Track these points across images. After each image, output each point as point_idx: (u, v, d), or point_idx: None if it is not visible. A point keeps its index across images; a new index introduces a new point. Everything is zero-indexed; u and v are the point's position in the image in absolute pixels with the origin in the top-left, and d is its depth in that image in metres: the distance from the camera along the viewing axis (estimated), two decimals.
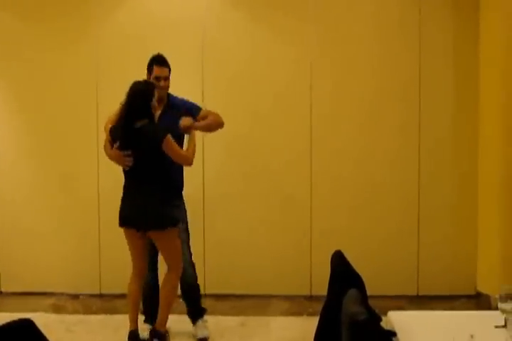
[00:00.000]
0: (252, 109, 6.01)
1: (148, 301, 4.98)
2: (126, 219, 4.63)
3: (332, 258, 3.22)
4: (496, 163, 5.52)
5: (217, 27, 6.01)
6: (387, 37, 5.92)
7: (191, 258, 5.04)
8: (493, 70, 5.58)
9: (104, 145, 4.75)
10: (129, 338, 4.64)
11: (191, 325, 5.07)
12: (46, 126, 6.11)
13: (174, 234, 4.67)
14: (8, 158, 6.19)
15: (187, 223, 5.05)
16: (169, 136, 4.54)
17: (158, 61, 4.84)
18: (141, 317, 4.91)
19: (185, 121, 4.78)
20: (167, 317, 4.72)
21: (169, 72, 4.87)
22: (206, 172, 6.00)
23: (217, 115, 4.99)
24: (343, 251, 3.31)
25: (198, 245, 5.74)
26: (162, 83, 4.82)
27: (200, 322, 5.06)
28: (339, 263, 3.13)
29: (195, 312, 5.08)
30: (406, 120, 5.93)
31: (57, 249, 6.15)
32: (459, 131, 5.89)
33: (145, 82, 4.67)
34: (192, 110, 4.93)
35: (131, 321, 4.70)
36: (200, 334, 4.97)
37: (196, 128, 4.84)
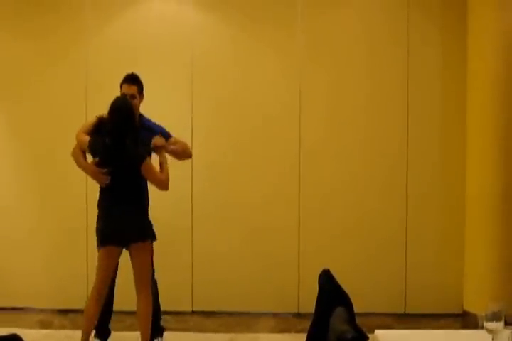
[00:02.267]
0: (241, 126, 6.04)
1: (103, 317, 4.90)
2: (107, 236, 4.60)
3: (320, 277, 3.22)
4: (485, 180, 5.54)
5: (206, 42, 6.06)
6: (376, 46, 5.98)
7: (154, 275, 4.96)
8: (481, 76, 5.62)
9: (74, 153, 4.73)
10: None
11: None
12: (34, 137, 6.11)
13: (151, 248, 4.70)
14: None
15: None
16: (149, 159, 4.57)
17: (127, 79, 4.83)
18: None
19: (158, 140, 4.77)
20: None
21: (138, 92, 4.83)
22: (194, 193, 6.01)
23: (186, 144, 5.03)
24: (331, 268, 3.31)
25: (187, 262, 5.76)
26: None
27: None
28: (327, 281, 3.13)
29: (154, 331, 4.89)
30: (394, 139, 5.97)
31: (46, 264, 6.12)
32: (446, 152, 5.95)
33: (124, 98, 4.67)
34: (164, 135, 4.89)
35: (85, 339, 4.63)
36: None
37: (167, 150, 4.82)
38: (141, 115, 4.93)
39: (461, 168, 5.85)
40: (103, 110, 4.75)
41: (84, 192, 5.97)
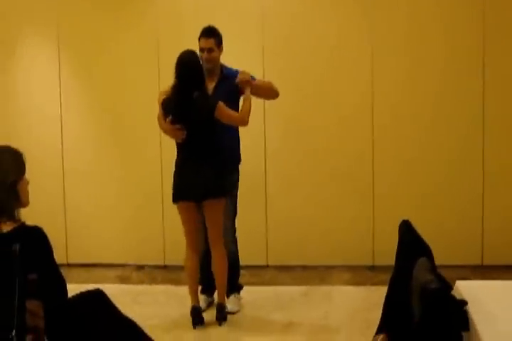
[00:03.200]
0: (313, 83, 5.98)
1: (205, 272, 5.00)
2: (181, 192, 4.65)
3: (400, 228, 3.19)
4: None
5: (277, 3, 6.00)
6: (451, 10, 5.81)
7: (235, 234, 5.02)
8: None
9: (158, 118, 4.77)
10: (191, 314, 4.69)
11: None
12: (110, 102, 6.22)
13: (223, 204, 4.71)
14: (74, 134, 6.31)
15: (235, 198, 5.01)
16: (221, 103, 4.55)
17: (203, 32, 4.80)
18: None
19: (242, 75, 4.74)
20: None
21: (217, 44, 4.78)
22: (268, 149, 6.01)
23: (271, 83, 4.94)
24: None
25: (260, 216, 5.78)
26: (205, 55, 4.77)
27: (232, 297, 5.03)
28: (407, 232, 3.10)
29: (231, 287, 5.00)
30: (469, 108, 5.82)
31: (122, 221, 6.26)
32: None
33: (190, 52, 4.63)
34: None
35: (192, 296, 4.75)
36: (230, 308, 4.92)
37: (253, 86, 4.77)
38: (222, 66, 4.89)
39: None
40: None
41: (159, 156, 6.05)
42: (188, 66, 4.55)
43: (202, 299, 5.00)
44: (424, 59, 5.84)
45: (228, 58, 4.98)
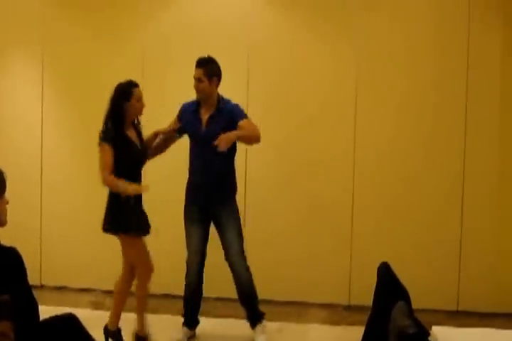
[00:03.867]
0: (296, 111, 6.00)
1: (193, 305, 5.03)
2: None
3: (379, 270, 3.19)
4: None
5: (263, 31, 6.01)
6: (436, 33, 5.84)
7: (245, 262, 5.01)
8: None
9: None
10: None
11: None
12: (88, 122, 6.07)
13: (123, 240, 4.72)
14: (53, 153, 6.30)
15: (240, 226, 5.04)
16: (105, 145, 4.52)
17: (196, 62, 4.83)
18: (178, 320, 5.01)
19: (220, 143, 4.62)
20: None
21: (206, 75, 4.76)
22: (248, 174, 6.00)
23: (254, 130, 4.85)
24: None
25: None
26: (194, 84, 4.81)
27: (259, 327, 5.02)
28: (386, 275, 3.09)
29: (255, 317, 5.05)
30: (452, 129, 5.82)
31: (97, 245, 6.19)
32: (506, 143, 5.79)
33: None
34: (237, 118, 4.83)
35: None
36: (260, 339, 4.95)
37: (233, 139, 4.72)
38: (220, 98, 4.90)
39: None
40: (159, 97, 4.76)
41: None
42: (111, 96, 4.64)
43: (184, 331, 4.99)
44: (410, 104, 5.87)
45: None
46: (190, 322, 5.06)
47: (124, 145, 4.54)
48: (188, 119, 4.94)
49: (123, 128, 4.57)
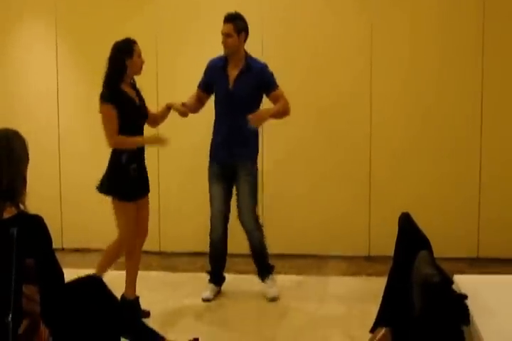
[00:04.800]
0: (311, 81, 5.98)
1: (216, 262, 5.08)
2: None
3: (400, 220, 3.17)
4: None
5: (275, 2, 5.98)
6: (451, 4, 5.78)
7: (257, 221, 5.05)
8: None
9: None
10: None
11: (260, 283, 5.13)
12: None
13: (114, 203, 4.67)
14: (70, 118, 6.28)
15: (255, 187, 5.04)
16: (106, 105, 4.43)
17: (224, 18, 4.79)
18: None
19: (253, 121, 4.68)
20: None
21: (235, 30, 4.74)
22: (265, 142, 5.97)
23: (285, 105, 4.86)
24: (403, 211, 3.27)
25: (258, 206, 5.75)
26: (222, 39, 4.78)
27: (268, 280, 5.07)
28: (407, 225, 3.08)
29: (264, 270, 5.11)
30: (467, 102, 5.81)
31: None
32: None
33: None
34: (269, 86, 4.85)
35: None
36: (271, 293, 4.99)
37: (266, 119, 4.79)
38: (248, 56, 4.87)
39: None
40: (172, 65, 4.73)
41: None
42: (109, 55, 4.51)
43: (210, 288, 5.02)
44: (422, 55, 5.84)
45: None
46: (217, 278, 5.11)
47: (124, 103, 4.46)
48: (215, 76, 4.90)
49: (121, 85, 4.48)
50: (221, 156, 4.93)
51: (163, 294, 5.11)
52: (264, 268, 5.11)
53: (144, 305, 4.65)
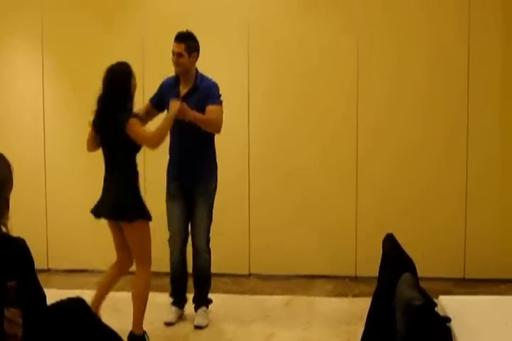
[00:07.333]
0: (297, 87, 5.98)
1: (179, 284, 5.01)
2: (96, 208, 4.60)
3: (384, 242, 3.18)
4: None
5: (263, 3, 5.99)
6: (437, 11, 5.82)
7: (208, 244, 4.94)
8: None
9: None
10: None
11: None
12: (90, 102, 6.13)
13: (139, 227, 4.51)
14: (56, 135, 6.27)
15: (211, 207, 4.95)
16: (133, 120, 4.35)
17: (176, 37, 4.78)
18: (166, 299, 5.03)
19: (172, 105, 4.60)
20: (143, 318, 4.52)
21: (187, 50, 4.71)
22: (251, 158, 5.99)
23: (216, 119, 4.76)
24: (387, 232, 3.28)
25: (243, 225, 5.77)
26: (174, 58, 4.76)
27: (201, 311, 4.95)
28: (391, 246, 3.09)
29: (200, 301, 4.98)
30: (453, 106, 5.83)
31: (104, 226, 6.19)
32: (507, 128, 5.80)
33: (117, 64, 4.54)
34: (208, 98, 4.78)
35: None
36: (200, 322, 4.86)
37: (188, 116, 4.64)
38: (198, 74, 4.86)
39: None
40: (159, 79, 4.78)
41: (142, 158, 5.99)
42: (113, 77, 4.45)
43: (173, 311, 4.97)
44: (409, 64, 5.87)
45: (212, 64, 4.96)
46: (179, 300, 5.03)
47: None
48: (166, 94, 4.88)
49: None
50: (177, 175, 4.90)
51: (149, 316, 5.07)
52: (203, 297, 4.99)
53: (127, 326, 4.59)
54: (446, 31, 5.80)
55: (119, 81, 4.44)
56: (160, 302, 5.03)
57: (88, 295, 3.12)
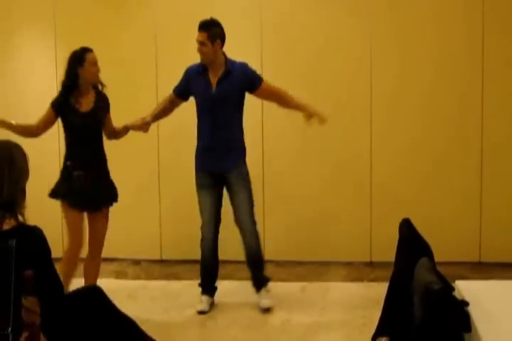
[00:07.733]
0: (310, 75, 5.95)
1: (209, 272, 5.01)
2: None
3: (400, 226, 3.17)
4: None
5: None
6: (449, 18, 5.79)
7: (256, 228, 4.95)
8: None
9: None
10: None
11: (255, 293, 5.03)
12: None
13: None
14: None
15: (251, 191, 4.99)
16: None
17: (199, 25, 4.75)
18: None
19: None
20: None
21: (209, 39, 4.68)
22: (265, 147, 5.97)
23: (280, 88, 4.88)
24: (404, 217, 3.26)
25: (258, 212, 5.74)
26: (198, 47, 4.75)
27: (264, 292, 4.98)
28: (408, 231, 3.07)
29: (260, 282, 5.01)
30: (467, 95, 5.78)
31: (119, 215, 6.19)
32: None
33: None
34: (254, 80, 4.83)
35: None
36: (265, 304, 4.89)
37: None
38: (228, 60, 4.82)
39: None
40: (173, 69, 4.76)
41: (156, 149, 6.02)
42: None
43: (204, 300, 4.96)
44: (419, 52, 5.83)
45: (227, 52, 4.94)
46: (209, 289, 5.03)
47: (67, 113, 4.61)
48: (195, 82, 4.86)
49: (74, 94, 4.57)
50: (208, 165, 4.89)
51: (164, 303, 5.09)
52: (260, 278, 5.02)
53: (144, 314, 4.62)
54: (460, 24, 5.76)
55: (65, 67, 4.59)
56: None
57: (104, 284, 3.12)
